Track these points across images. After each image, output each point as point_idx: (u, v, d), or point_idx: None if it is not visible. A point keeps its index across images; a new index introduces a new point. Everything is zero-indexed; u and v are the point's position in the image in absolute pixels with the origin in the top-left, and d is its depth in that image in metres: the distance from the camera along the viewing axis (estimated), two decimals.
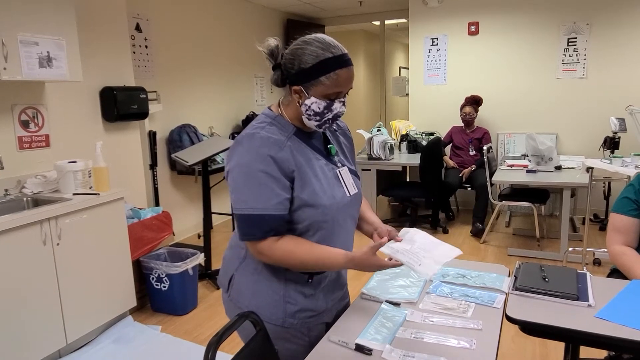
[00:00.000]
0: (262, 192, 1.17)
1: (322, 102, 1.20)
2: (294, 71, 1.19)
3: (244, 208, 1.19)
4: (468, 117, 4.87)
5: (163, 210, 3.33)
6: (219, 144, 3.52)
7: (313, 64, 1.17)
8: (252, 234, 1.20)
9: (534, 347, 2.59)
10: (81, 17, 3.07)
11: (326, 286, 1.38)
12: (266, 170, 1.17)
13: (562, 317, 1.29)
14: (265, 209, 1.18)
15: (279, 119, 1.28)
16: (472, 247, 4.16)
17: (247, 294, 1.33)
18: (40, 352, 2.39)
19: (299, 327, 1.32)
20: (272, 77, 1.26)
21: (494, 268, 1.67)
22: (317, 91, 1.19)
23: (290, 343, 1.34)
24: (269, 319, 1.30)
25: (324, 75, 1.17)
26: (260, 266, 1.31)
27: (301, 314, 1.32)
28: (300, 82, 1.20)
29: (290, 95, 1.25)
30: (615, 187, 4.73)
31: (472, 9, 5.21)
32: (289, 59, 1.20)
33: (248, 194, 1.18)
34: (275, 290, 1.30)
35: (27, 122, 2.82)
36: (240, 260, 1.35)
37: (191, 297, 3.14)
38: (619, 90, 4.72)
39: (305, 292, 1.32)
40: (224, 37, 5.23)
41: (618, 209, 1.87)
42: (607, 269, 3.15)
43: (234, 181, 1.21)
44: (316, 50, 1.17)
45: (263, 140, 1.19)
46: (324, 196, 1.25)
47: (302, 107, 1.22)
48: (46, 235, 2.38)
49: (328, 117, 1.23)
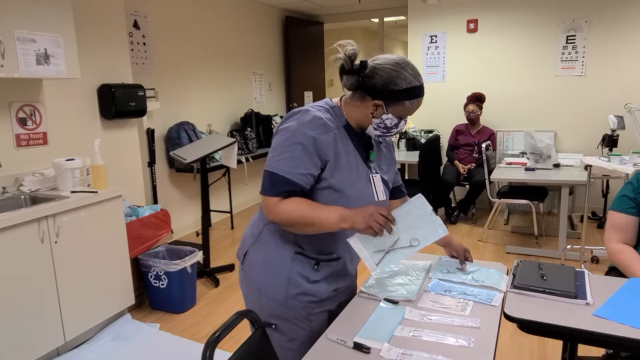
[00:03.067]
0: (293, 159, 1.28)
1: (395, 119, 1.33)
2: (382, 88, 1.28)
3: (272, 166, 1.30)
4: (473, 115, 4.86)
5: (161, 208, 3.32)
6: (218, 142, 3.51)
7: (404, 88, 1.28)
8: (269, 189, 1.30)
9: (532, 345, 2.59)
10: (79, 14, 3.06)
11: (331, 275, 1.45)
12: (304, 143, 1.28)
13: (560, 315, 1.29)
14: (290, 174, 1.28)
15: (337, 109, 1.39)
16: (470, 245, 4.16)
17: (257, 270, 1.43)
18: (39, 350, 2.39)
19: (300, 309, 1.40)
20: (345, 81, 1.33)
21: (492, 266, 1.68)
22: (397, 110, 1.31)
23: (291, 323, 1.42)
24: (272, 296, 1.39)
25: (409, 100, 1.30)
26: (271, 246, 1.41)
27: (302, 297, 1.40)
28: (384, 98, 1.30)
29: (360, 101, 1.34)
30: (614, 185, 4.74)
31: (471, 6, 5.20)
32: (380, 76, 1.28)
33: (281, 156, 1.29)
34: (282, 271, 1.39)
35: (25, 119, 2.81)
36: (255, 239, 1.46)
37: (190, 295, 3.14)
38: (617, 88, 4.72)
39: (309, 277, 1.40)
40: (223, 34, 5.22)
41: (616, 207, 1.88)
42: (605, 267, 3.16)
43: (276, 141, 1.32)
44: (408, 77, 1.28)
45: (314, 119, 1.30)
46: (351, 187, 1.35)
47: (375, 118, 1.33)
48: (44, 233, 2.38)
49: (393, 131, 1.36)
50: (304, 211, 1.27)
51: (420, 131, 5.42)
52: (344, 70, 1.32)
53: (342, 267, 1.47)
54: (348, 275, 1.52)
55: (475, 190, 4.63)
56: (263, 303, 1.42)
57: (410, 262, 1.71)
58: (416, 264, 1.70)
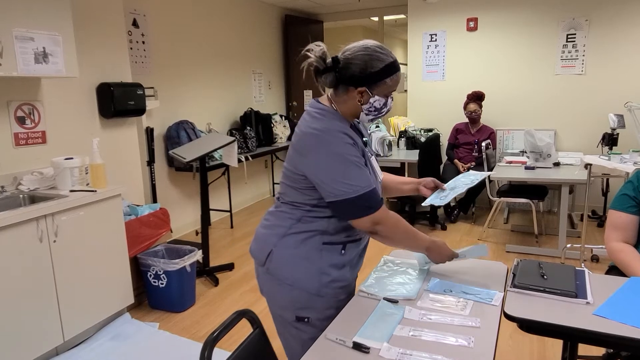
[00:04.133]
0: (361, 173, 1.35)
1: (382, 99, 1.40)
2: (360, 74, 1.35)
3: (353, 191, 1.33)
4: (474, 114, 4.85)
5: (161, 207, 3.32)
6: (217, 141, 3.50)
7: (381, 68, 1.35)
8: (369, 207, 1.36)
9: (532, 345, 2.59)
10: (77, 13, 3.05)
11: (353, 259, 1.52)
12: (356, 155, 1.36)
13: (560, 315, 1.28)
14: (369, 185, 1.35)
15: (338, 114, 1.42)
16: (470, 244, 4.15)
17: (287, 267, 1.46)
18: (38, 350, 2.38)
19: (331, 297, 1.46)
20: (324, 80, 1.39)
21: (492, 265, 1.67)
22: (381, 90, 1.38)
23: (321, 313, 1.46)
24: (306, 288, 1.44)
25: (389, 77, 1.37)
26: (298, 242, 1.45)
27: (334, 284, 1.46)
28: (366, 83, 1.36)
29: (345, 94, 1.40)
30: (614, 183, 4.73)
31: (471, 4, 5.19)
32: (355, 64, 1.34)
33: (350, 176, 1.33)
34: (313, 262, 1.44)
35: (23, 118, 2.80)
36: (280, 237, 1.48)
37: (189, 294, 3.14)
38: (617, 87, 4.71)
39: (338, 264, 1.47)
40: (222, 32, 5.21)
41: (616, 206, 1.87)
42: (605, 266, 3.16)
43: (328, 169, 1.34)
44: (381, 56, 1.35)
45: (336, 131, 1.36)
46: (373, 181, 1.41)
47: (364, 105, 1.40)
48: (43, 232, 2.37)
49: (383, 111, 1.43)
50: (407, 227, 1.44)
51: (420, 130, 5.42)
52: (319, 71, 1.38)
53: (362, 247, 1.56)
54: (362, 257, 1.60)
55: (475, 189, 4.62)
56: (295, 296, 1.45)
57: (409, 261, 1.71)
58: (413, 263, 1.69)
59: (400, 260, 1.73)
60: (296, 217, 1.46)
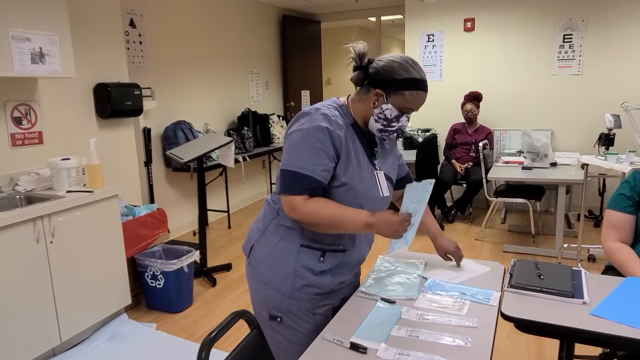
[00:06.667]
0: (313, 156, 1.32)
1: (395, 111, 1.36)
2: (383, 77, 1.35)
3: (293, 165, 1.33)
4: (470, 114, 4.86)
5: (158, 207, 3.31)
6: (215, 141, 3.50)
7: (404, 78, 1.34)
8: (292, 188, 1.33)
9: (529, 345, 2.59)
10: (74, 13, 3.04)
11: (336, 267, 1.47)
12: (321, 139, 1.32)
13: (557, 315, 1.29)
14: (312, 172, 1.31)
15: (344, 108, 1.43)
16: (468, 244, 4.16)
17: (263, 263, 1.46)
18: (34, 351, 2.37)
19: (305, 301, 1.43)
20: (353, 76, 1.41)
21: (489, 265, 1.67)
22: (396, 101, 1.36)
23: (296, 317, 1.44)
24: (278, 288, 1.42)
25: (408, 91, 1.34)
26: (277, 240, 1.44)
27: (308, 289, 1.42)
28: (385, 87, 1.35)
29: (365, 94, 1.40)
30: (610, 183, 4.75)
31: (468, 5, 5.20)
32: (382, 66, 1.35)
33: (300, 154, 1.32)
34: (288, 263, 1.42)
35: (20, 118, 2.79)
36: (261, 233, 1.48)
37: (186, 295, 3.13)
38: (614, 87, 4.73)
39: (315, 269, 1.42)
40: (220, 32, 5.20)
41: (613, 206, 1.88)
42: (601, 265, 3.16)
43: (291, 141, 1.35)
44: (409, 68, 1.34)
45: (325, 116, 1.35)
46: (360, 182, 1.40)
47: (376, 108, 1.38)
48: (39, 233, 2.36)
49: (393, 126, 1.39)
50: (331, 212, 1.32)
51: (418, 130, 5.42)
52: (354, 68, 1.40)
53: (348, 259, 1.49)
54: (353, 269, 1.54)
55: (473, 189, 4.63)
56: (269, 295, 1.44)
57: (406, 260, 1.71)
58: (411, 262, 1.69)
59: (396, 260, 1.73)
60: (275, 210, 1.46)
